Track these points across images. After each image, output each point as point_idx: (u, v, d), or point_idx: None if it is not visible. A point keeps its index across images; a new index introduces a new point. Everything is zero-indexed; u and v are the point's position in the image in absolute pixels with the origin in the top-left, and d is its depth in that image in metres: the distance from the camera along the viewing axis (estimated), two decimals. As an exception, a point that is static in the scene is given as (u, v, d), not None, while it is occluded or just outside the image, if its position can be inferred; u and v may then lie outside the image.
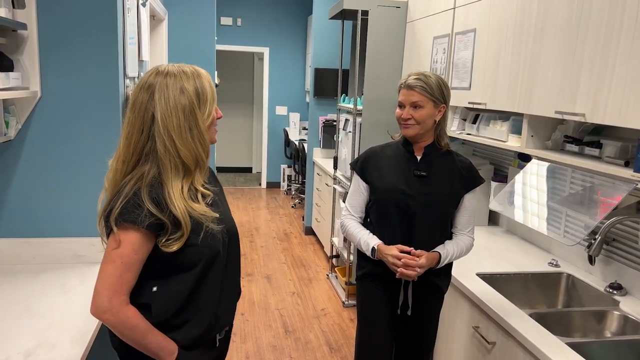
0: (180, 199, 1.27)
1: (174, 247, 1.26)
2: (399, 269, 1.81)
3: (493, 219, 3.00)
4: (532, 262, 2.40)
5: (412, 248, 1.85)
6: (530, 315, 1.83)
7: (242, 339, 3.39)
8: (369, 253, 1.91)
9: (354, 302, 3.82)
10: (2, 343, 1.50)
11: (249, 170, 9.35)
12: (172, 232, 1.26)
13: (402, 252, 1.84)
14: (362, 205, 2.01)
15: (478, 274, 2.20)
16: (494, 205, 2.70)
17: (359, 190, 2.01)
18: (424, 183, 1.90)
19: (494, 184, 2.80)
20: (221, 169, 8.98)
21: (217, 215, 1.34)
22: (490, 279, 2.21)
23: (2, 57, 1.85)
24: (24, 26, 1.91)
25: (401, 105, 1.89)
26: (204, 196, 1.34)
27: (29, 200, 2.09)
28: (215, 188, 1.45)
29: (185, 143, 1.28)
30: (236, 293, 1.52)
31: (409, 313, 1.97)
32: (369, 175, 1.97)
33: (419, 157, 1.93)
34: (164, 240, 1.25)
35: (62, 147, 2.09)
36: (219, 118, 1.38)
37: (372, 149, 2.02)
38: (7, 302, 1.76)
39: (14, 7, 1.90)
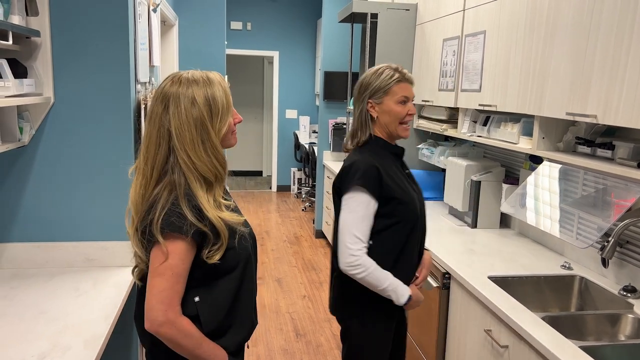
0: (212, 209, 1.27)
1: (216, 257, 1.27)
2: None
3: (504, 221, 2.98)
4: (545, 265, 2.38)
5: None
6: (543, 319, 1.82)
7: (253, 343, 3.39)
8: (401, 301, 1.73)
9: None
10: (16, 346, 1.51)
11: (259, 173, 9.38)
12: (214, 242, 1.27)
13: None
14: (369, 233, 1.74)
15: (490, 277, 2.19)
16: (505, 207, 2.68)
17: (369, 214, 1.71)
18: (415, 185, 1.88)
19: (505, 186, 2.78)
20: (231, 173, 8.99)
21: (244, 218, 1.38)
22: (502, 281, 2.19)
23: (16, 64, 1.87)
24: (37, 33, 1.94)
25: (404, 101, 1.77)
26: (226, 207, 1.35)
27: (42, 204, 2.11)
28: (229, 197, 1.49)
29: (200, 158, 1.27)
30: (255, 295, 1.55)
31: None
32: (387, 191, 1.73)
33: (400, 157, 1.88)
34: (207, 252, 1.26)
35: (75, 152, 2.11)
36: (238, 122, 1.38)
37: (369, 159, 1.75)
38: (21, 306, 1.78)
39: (27, 14, 1.93)
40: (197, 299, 1.30)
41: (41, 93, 2.01)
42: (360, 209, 1.69)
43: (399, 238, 1.77)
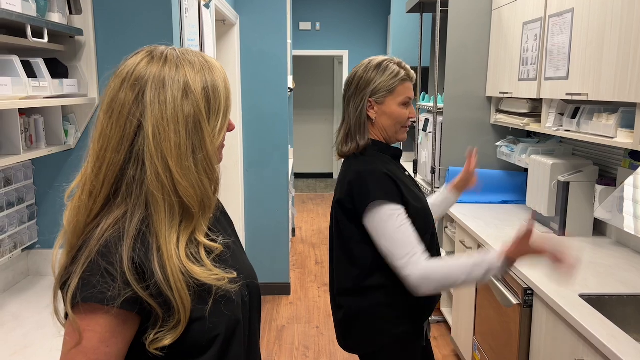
0: (175, 261, 0.83)
1: (167, 341, 0.83)
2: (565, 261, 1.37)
3: (599, 228, 2.59)
4: (651, 282, 2.00)
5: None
6: (652, 351, 1.48)
7: (315, 354, 3.21)
8: (498, 266, 1.39)
9: (437, 317, 3.52)
10: (46, 362, 1.42)
11: (329, 175, 9.24)
12: (164, 318, 0.83)
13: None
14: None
15: (581, 295, 1.85)
16: (599, 213, 2.32)
17: (404, 220, 1.46)
18: (420, 189, 1.67)
19: (599, 188, 2.41)
20: (301, 175, 8.94)
21: (232, 275, 0.91)
22: (597, 301, 1.85)
23: (56, 64, 1.81)
24: (80, 32, 1.87)
25: (407, 102, 1.58)
26: (209, 250, 0.91)
27: (90, 209, 2.05)
28: (226, 228, 1.05)
29: (186, 173, 0.86)
30: None
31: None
32: (408, 199, 1.51)
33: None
34: (153, 333, 0.82)
35: (122, 154, 2.03)
36: (231, 130, 0.96)
37: (377, 169, 1.52)
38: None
39: (71, 13, 1.87)
40: None
41: (86, 94, 1.94)
42: (394, 224, 1.44)
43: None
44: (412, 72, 1.61)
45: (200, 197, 0.88)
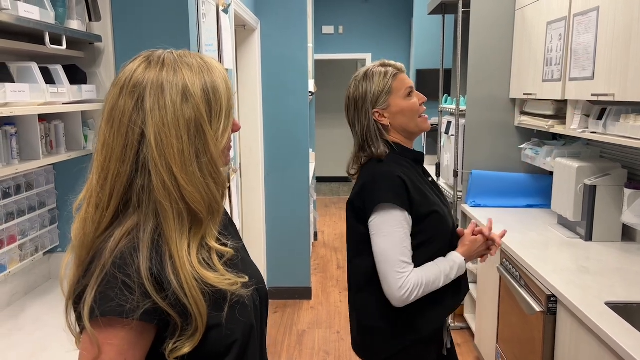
0: (188, 268, 0.82)
1: (185, 350, 0.83)
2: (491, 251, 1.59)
3: (628, 233, 2.50)
4: (683, 290, 1.92)
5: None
6: (683, 363, 1.41)
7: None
8: (462, 271, 1.52)
9: (460, 323, 3.45)
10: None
11: (353, 179, 9.22)
12: (183, 327, 0.82)
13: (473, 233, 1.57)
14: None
15: (608, 303, 1.79)
16: (628, 217, 2.24)
17: (407, 232, 1.44)
18: (442, 196, 1.62)
19: (627, 192, 2.32)
20: (324, 179, 8.91)
21: (245, 279, 0.90)
22: (625, 310, 1.78)
23: (75, 70, 1.84)
24: (98, 38, 1.90)
25: (410, 92, 1.55)
26: (220, 255, 0.90)
27: (109, 214, 2.07)
28: (234, 234, 1.03)
29: (192, 179, 0.84)
30: None
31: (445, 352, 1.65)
32: (420, 206, 1.48)
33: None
34: (171, 343, 0.82)
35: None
36: (236, 131, 0.95)
37: (391, 171, 1.48)
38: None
39: (90, 20, 1.89)
40: None
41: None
42: (397, 229, 1.42)
43: (429, 258, 1.49)
44: (398, 64, 1.59)
45: (208, 202, 0.87)
